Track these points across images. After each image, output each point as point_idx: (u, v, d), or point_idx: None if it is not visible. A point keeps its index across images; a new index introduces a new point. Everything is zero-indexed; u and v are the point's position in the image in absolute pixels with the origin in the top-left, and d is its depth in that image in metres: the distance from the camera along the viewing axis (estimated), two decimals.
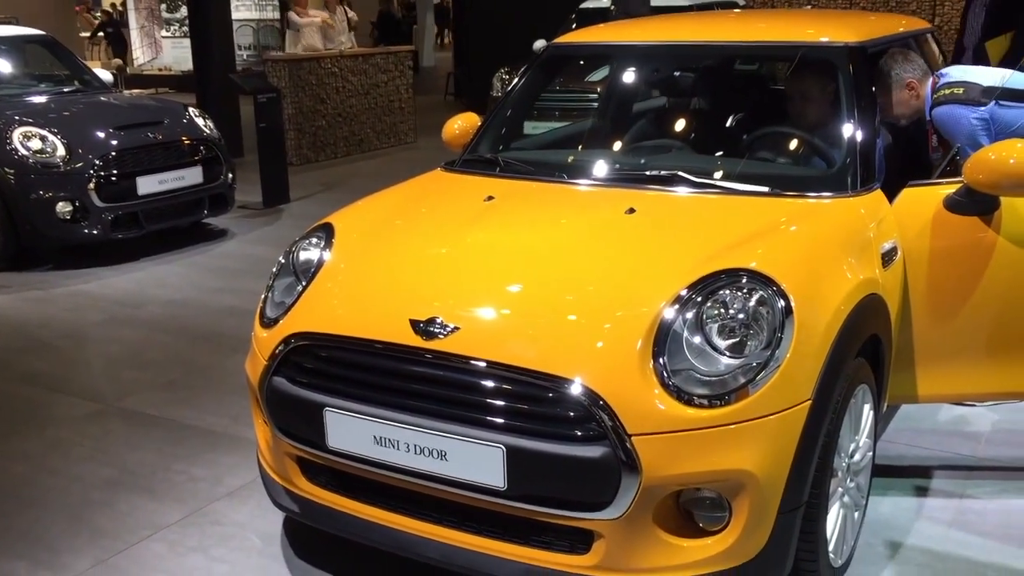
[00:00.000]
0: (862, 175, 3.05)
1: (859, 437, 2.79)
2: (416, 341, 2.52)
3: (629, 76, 4.34)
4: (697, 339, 2.40)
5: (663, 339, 2.39)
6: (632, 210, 2.89)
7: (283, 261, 3.05)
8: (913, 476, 3.36)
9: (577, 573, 2.40)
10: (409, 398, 2.51)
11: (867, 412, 2.83)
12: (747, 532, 2.35)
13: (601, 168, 3.36)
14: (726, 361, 2.38)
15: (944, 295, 3.07)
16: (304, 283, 2.90)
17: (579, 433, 2.33)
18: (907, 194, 3.09)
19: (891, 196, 3.09)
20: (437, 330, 2.51)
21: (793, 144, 3.46)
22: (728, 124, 3.84)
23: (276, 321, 2.84)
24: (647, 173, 3.18)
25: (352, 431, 2.57)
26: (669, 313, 2.42)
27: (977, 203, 3.00)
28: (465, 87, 15.37)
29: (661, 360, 2.36)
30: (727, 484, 2.33)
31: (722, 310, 2.44)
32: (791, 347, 2.37)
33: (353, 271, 2.89)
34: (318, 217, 3.28)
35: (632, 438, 2.29)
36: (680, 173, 3.10)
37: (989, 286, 3.04)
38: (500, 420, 2.39)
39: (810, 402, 2.40)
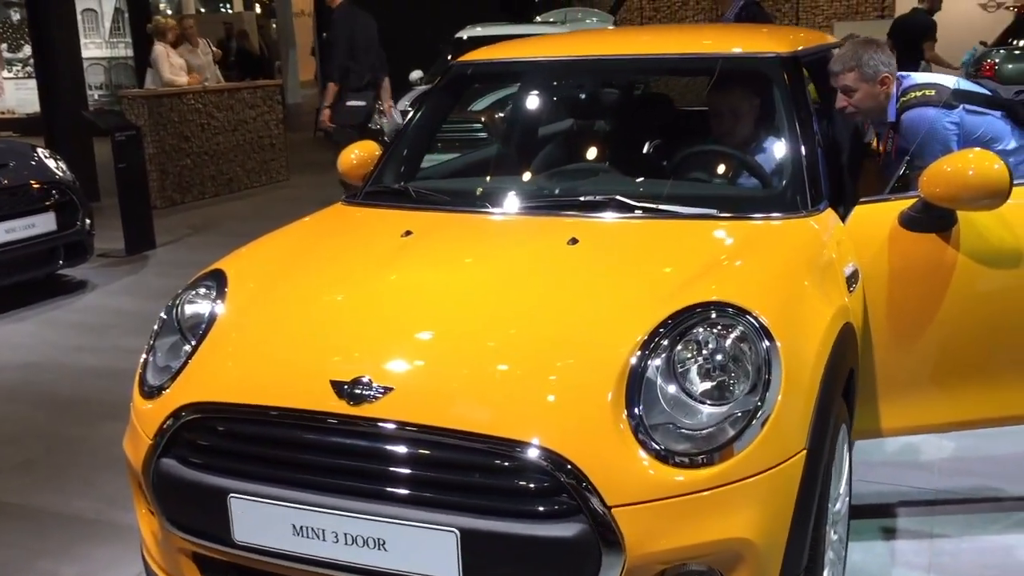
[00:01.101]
0: (812, 193, 2.80)
1: (840, 484, 2.50)
2: (341, 407, 2.09)
3: (544, 94, 4.03)
4: (672, 388, 2.06)
5: (636, 389, 2.04)
6: (575, 240, 2.55)
7: (165, 317, 2.57)
8: (876, 516, 3.12)
9: None
10: (336, 477, 2.08)
11: (845, 455, 2.55)
12: None
13: (530, 195, 3.00)
14: (708, 411, 2.05)
15: (905, 319, 2.84)
16: (193, 343, 2.43)
17: (547, 508, 1.95)
18: (860, 212, 2.85)
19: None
20: (366, 392, 2.09)
21: (729, 164, 3.19)
22: (656, 144, 3.57)
23: (161, 390, 2.36)
24: (582, 199, 2.84)
25: (265, 520, 2.12)
26: (639, 358, 2.08)
27: (934, 219, 2.78)
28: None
29: (636, 413, 2.01)
30: (722, 556, 1.99)
31: (697, 351, 2.11)
32: (780, 389, 2.06)
33: (253, 326, 2.44)
34: (189, 264, 2.83)
35: (612, 510, 1.93)
36: (619, 198, 2.77)
37: (951, 308, 2.82)
38: (451, 498, 2.00)
39: (805, 452, 2.09)
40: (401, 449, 2.05)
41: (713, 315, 2.15)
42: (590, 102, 4.15)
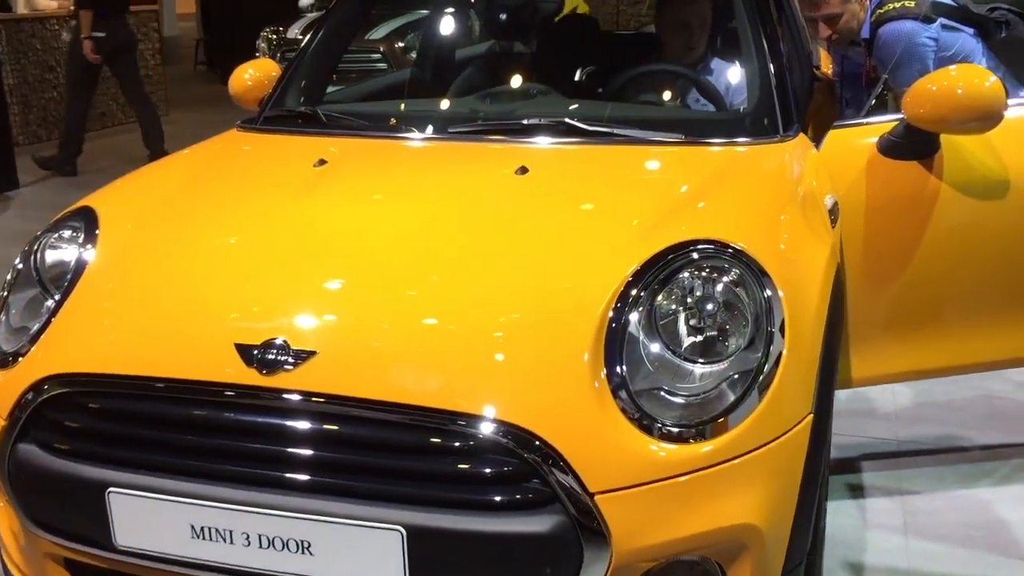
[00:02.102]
0: (784, 116, 2.46)
1: None
2: (250, 376, 1.67)
3: (459, 14, 3.58)
4: (656, 346, 1.70)
5: (616, 347, 1.67)
6: (524, 169, 2.14)
7: (21, 265, 2.07)
8: (841, 472, 2.86)
9: None
10: (246, 464, 1.66)
11: None
12: None
13: (464, 118, 2.55)
14: (701, 370, 1.70)
15: (883, 257, 2.54)
16: (57, 297, 1.96)
17: (514, 498, 1.58)
18: (834, 137, 2.52)
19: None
20: (280, 357, 1.67)
21: (685, 86, 2.83)
22: (593, 69, 3.17)
23: (17, 357, 1.88)
24: (525, 122, 2.42)
25: (155, 520, 1.69)
26: (616, 311, 1.71)
27: (917, 144, 2.47)
28: (218, 55, 13.97)
29: (619, 376, 1.65)
30: (722, 547, 1.66)
31: (682, 301, 1.75)
32: (785, 343, 1.72)
33: (132, 276, 1.97)
34: (56, 206, 2.32)
35: (595, 497, 1.57)
36: (569, 120, 2.37)
37: (933, 243, 2.53)
38: (393, 488, 1.60)
39: (811, 417, 1.77)
40: (328, 428, 1.64)
41: (699, 256, 1.79)
42: (512, 21, 3.72)
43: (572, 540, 1.56)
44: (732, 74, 2.78)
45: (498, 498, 1.57)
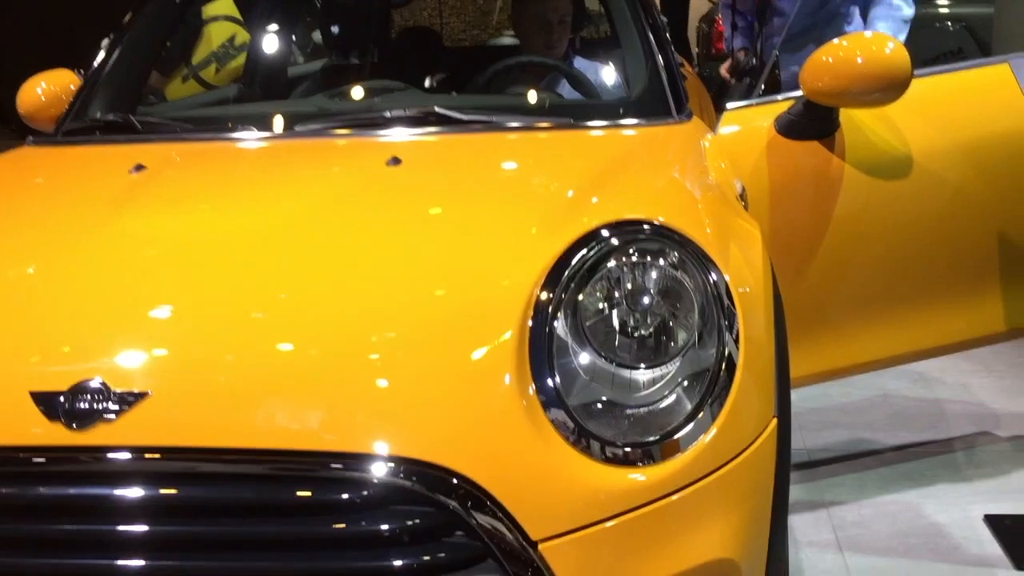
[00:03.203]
0: (675, 98, 2.20)
1: None
2: (56, 434, 1.22)
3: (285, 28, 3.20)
4: (586, 354, 1.36)
5: (544, 358, 1.32)
6: (396, 160, 1.77)
7: None
8: None
9: None
10: (58, 554, 1.21)
11: None
12: None
13: (313, 114, 2.13)
14: (643, 376, 1.37)
15: (792, 245, 2.32)
16: None
17: (429, 559, 1.19)
18: (729, 119, 2.29)
19: None
20: (98, 405, 1.23)
21: (549, 79, 2.53)
22: (444, 77, 2.86)
23: None
24: (388, 114, 2.03)
25: None
26: (537, 315, 1.36)
27: (816, 121, 2.26)
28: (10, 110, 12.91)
29: (550, 390, 1.30)
30: None
31: (609, 297, 1.42)
32: (742, 336, 1.42)
33: None
34: None
35: (540, 547, 1.20)
36: (441, 109, 2.01)
37: (841, 226, 2.33)
38: (262, 565, 1.19)
39: (775, 421, 1.47)
40: (167, 492, 1.21)
41: (623, 241, 1.46)
42: (348, 33, 3.36)
43: None
44: (602, 71, 2.52)
45: (407, 562, 1.18)
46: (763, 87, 2.57)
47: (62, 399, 1.23)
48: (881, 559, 2.26)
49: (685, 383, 1.36)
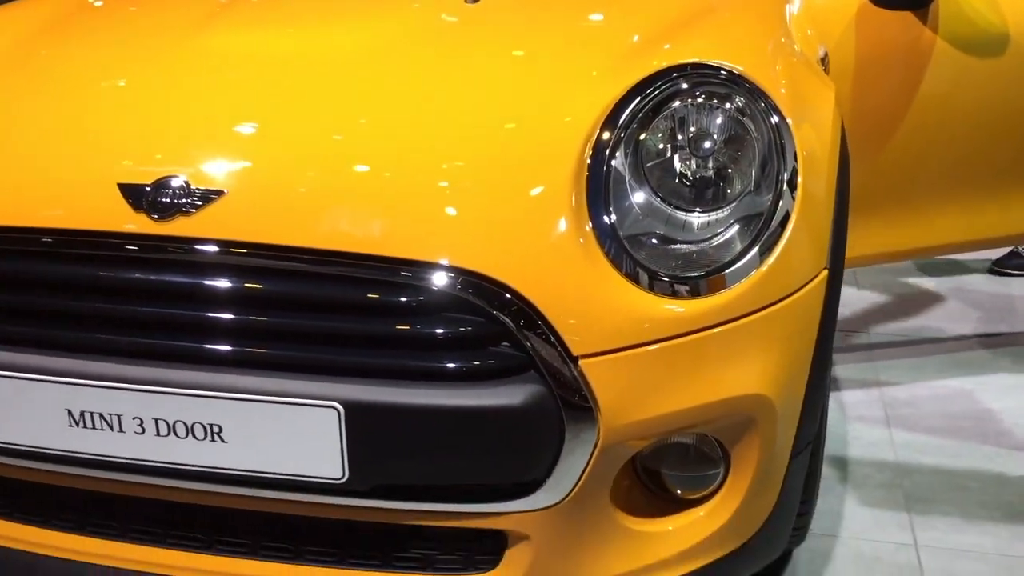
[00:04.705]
0: None
1: None
2: (139, 222, 1.31)
3: None
4: (643, 192, 1.39)
5: (601, 189, 1.36)
6: None
7: None
8: None
9: None
10: (136, 333, 1.32)
11: None
12: (754, 492, 1.43)
13: None
14: (698, 220, 1.40)
15: (875, 119, 2.28)
16: None
17: (479, 364, 1.27)
18: None
19: None
20: (178, 199, 1.32)
21: None
22: None
23: None
24: None
25: (20, 406, 1.34)
26: (597, 151, 1.39)
27: None
28: None
29: (606, 221, 1.34)
30: (726, 423, 1.38)
31: (671, 136, 1.44)
32: (800, 185, 1.43)
33: None
34: None
35: (580, 363, 1.27)
36: None
37: (928, 103, 2.28)
38: (328, 356, 1.28)
39: (827, 272, 1.49)
40: (241, 284, 1.30)
41: (691, 83, 1.47)
42: None
43: (551, 416, 1.26)
44: None
45: (457, 365, 1.26)
46: None
47: (147, 190, 1.32)
48: (928, 437, 2.29)
49: (737, 225, 1.38)
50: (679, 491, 1.44)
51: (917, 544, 1.88)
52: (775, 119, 1.43)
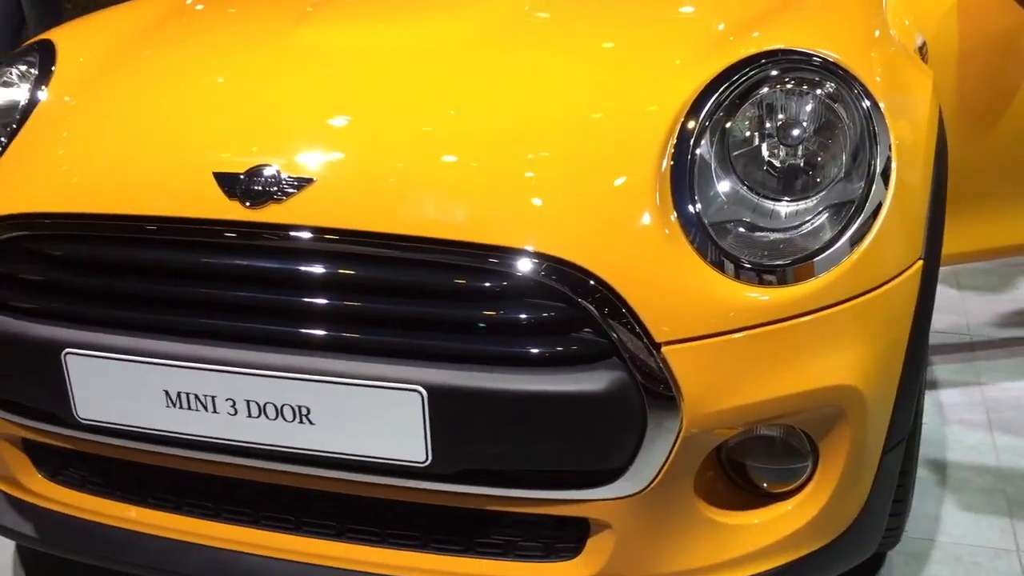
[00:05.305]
0: None
1: None
2: (233, 209, 1.36)
3: None
4: (730, 180, 1.37)
5: (686, 177, 1.35)
6: None
7: None
8: None
9: None
10: (229, 317, 1.36)
11: None
12: (844, 488, 1.39)
13: None
14: (786, 209, 1.37)
15: (977, 110, 2.20)
16: (3, 140, 1.64)
17: (562, 350, 1.27)
18: None
19: None
20: (271, 187, 1.35)
21: None
22: None
23: None
24: None
25: (121, 386, 1.40)
26: (686, 132, 1.38)
27: None
28: None
29: (690, 209, 1.33)
30: (815, 415, 1.35)
31: (759, 123, 1.41)
32: (894, 172, 1.39)
33: (95, 108, 1.64)
34: None
35: (663, 350, 1.26)
36: None
37: None
38: (412, 341, 1.30)
39: (922, 263, 1.45)
40: (330, 270, 1.33)
41: (781, 70, 1.44)
42: None
43: (633, 403, 1.25)
44: None
45: (541, 351, 1.26)
46: None
47: (241, 178, 1.36)
48: None
49: (826, 213, 1.35)
50: (765, 484, 1.41)
51: (1019, 550, 1.81)
52: (867, 105, 1.40)
